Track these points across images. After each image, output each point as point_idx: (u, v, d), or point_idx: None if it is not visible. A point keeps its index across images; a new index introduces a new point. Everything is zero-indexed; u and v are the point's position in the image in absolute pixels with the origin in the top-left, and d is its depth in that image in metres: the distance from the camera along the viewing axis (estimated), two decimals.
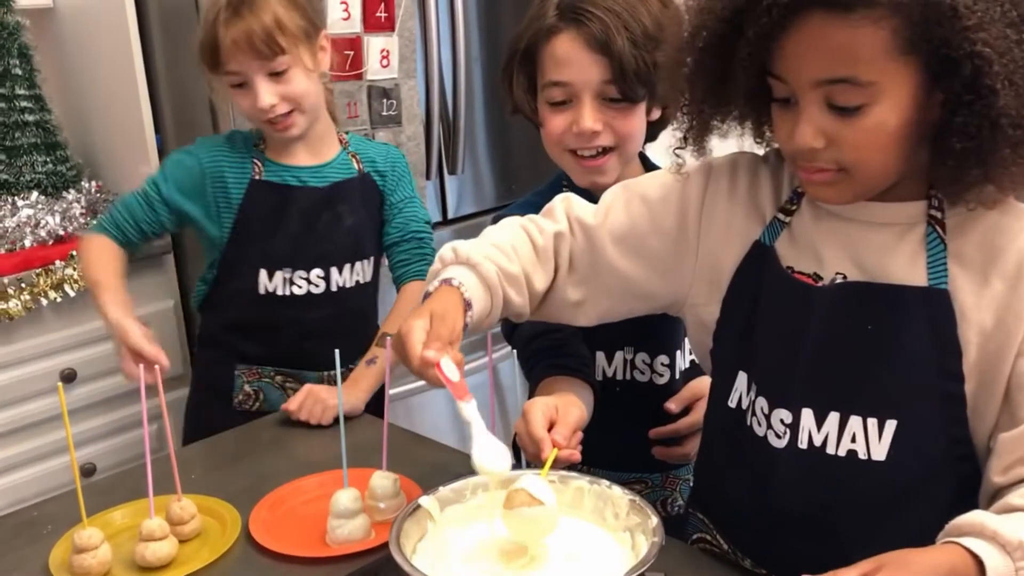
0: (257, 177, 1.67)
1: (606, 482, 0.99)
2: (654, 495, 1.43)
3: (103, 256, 1.65)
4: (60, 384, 1.15)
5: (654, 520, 0.91)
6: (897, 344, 0.96)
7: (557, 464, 1.03)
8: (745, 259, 1.07)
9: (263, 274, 1.67)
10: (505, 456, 0.97)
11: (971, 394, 0.95)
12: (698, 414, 1.34)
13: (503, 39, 2.58)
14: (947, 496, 0.97)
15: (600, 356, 1.38)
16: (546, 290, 1.15)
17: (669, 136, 1.09)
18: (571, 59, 1.27)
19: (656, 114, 1.35)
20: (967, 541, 0.84)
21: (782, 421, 1.01)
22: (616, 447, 1.31)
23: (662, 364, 1.38)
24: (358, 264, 1.73)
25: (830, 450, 0.99)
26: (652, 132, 1.39)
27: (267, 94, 1.58)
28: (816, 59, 0.89)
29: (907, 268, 0.97)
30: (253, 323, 1.71)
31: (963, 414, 0.96)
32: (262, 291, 1.67)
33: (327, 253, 1.70)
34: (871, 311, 0.97)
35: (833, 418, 0.98)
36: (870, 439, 0.97)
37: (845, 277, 1.00)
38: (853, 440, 0.97)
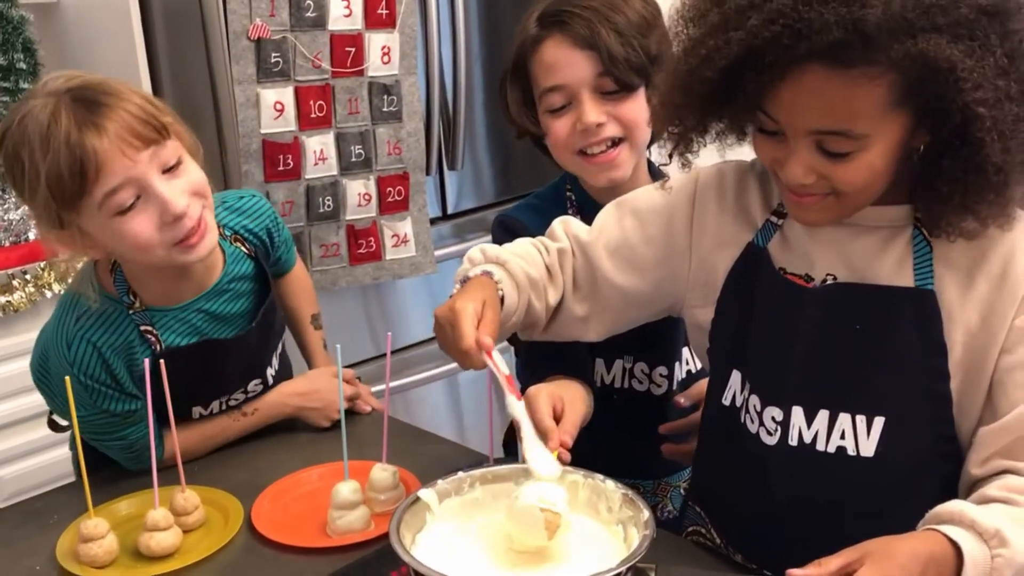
0: (159, 349, 1.32)
1: (600, 476, 1.01)
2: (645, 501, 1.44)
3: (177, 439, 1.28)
4: (67, 378, 1.16)
5: (646, 514, 0.93)
6: (884, 343, 0.99)
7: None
8: (739, 261, 1.10)
9: (196, 410, 1.42)
10: (553, 461, 0.99)
11: (956, 392, 0.98)
12: None
13: (503, 36, 2.59)
14: (933, 492, 0.99)
15: (600, 363, 1.39)
16: (556, 306, 1.18)
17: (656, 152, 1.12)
18: (560, 61, 1.29)
19: None
20: (946, 529, 0.87)
21: (773, 419, 1.04)
22: (609, 453, 1.32)
23: (660, 375, 1.39)
24: (280, 345, 1.53)
25: (820, 447, 1.01)
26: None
27: (176, 195, 1.21)
28: (812, 111, 0.91)
29: (895, 270, 1.00)
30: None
31: (949, 412, 0.98)
32: (196, 416, 1.42)
33: (261, 364, 1.47)
34: (859, 311, 1.00)
35: (823, 416, 1.01)
36: (859, 436, 0.99)
37: (835, 278, 1.03)
38: (842, 437, 1.00)
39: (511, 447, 1.46)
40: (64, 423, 1.48)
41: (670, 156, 1.09)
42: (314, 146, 2.13)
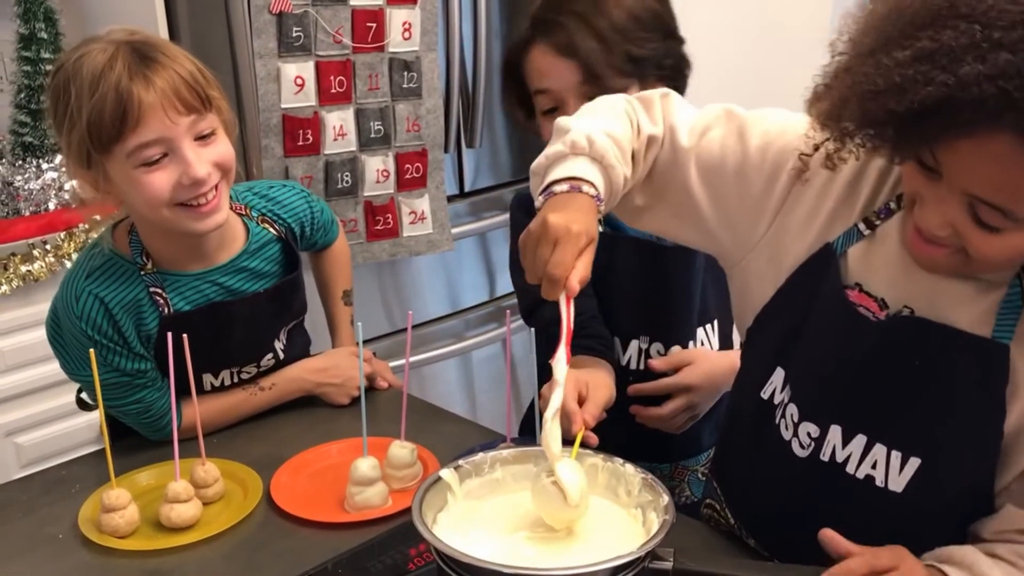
0: (167, 312, 1.34)
1: (619, 460, 1.02)
2: None
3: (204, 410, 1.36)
4: (92, 350, 1.18)
5: (665, 498, 0.94)
6: (941, 387, 0.93)
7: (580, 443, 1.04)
8: (811, 258, 1.02)
9: (207, 379, 1.43)
10: (558, 439, 0.95)
11: (1003, 450, 0.92)
12: (680, 377, 1.35)
13: (523, 13, 2.58)
14: (955, 528, 0.96)
15: (615, 344, 1.40)
16: None
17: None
18: (546, 68, 1.33)
19: None
20: (951, 571, 0.88)
21: (809, 434, 1.00)
22: (627, 435, 1.34)
23: None
24: (294, 322, 1.52)
25: (850, 469, 0.98)
26: None
27: (200, 162, 1.24)
28: (983, 177, 0.81)
29: (977, 320, 0.92)
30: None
31: (992, 466, 0.93)
32: (208, 387, 1.43)
33: (273, 338, 1.48)
34: (923, 348, 0.93)
35: (859, 440, 0.97)
36: (890, 470, 0.96)
37: (912, 312, 0.95)
38: (874, 467, 0.96)
39: (526, 432, 1.47)
40: (91, 401, 1.50)
41: (816, 147, 0.99)
42: (334, 121, 2.13)
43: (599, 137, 1.01)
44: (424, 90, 2.25)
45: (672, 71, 1.35)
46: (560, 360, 0.93)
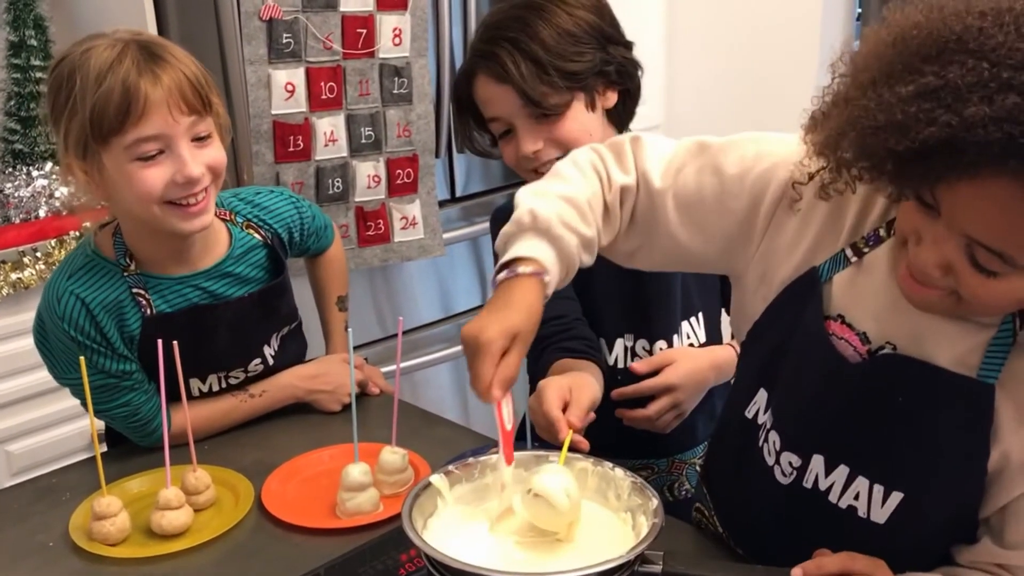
0: (149, 313, 1.35)
1: (609, 463, 1.02)
2: (660, 480, 1.45)
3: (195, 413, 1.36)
4: (82, 358, 1.17)
5: (655, 501, 0.94)
6: (925, 425, 0.91)
7: (569, 448, 1.04)
8: (796, 281, 0.99)
9: (194, 382, 1.43)
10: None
11: (985, 485, 0.92)
12: (663, 377, 1.35)
13: None
14: (937, 557, 0.97)
15: (601, 344, 1.40)
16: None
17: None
18: (490, 97, 1.35)
19: (612, 99, 1.37)
20: None
21: (791, 463, 1.00)
22: (620, 434, 1.34)
23: (660, 350, 1.40)
24: (286, 328, 1.51)
25: (832, 498, 0.97)
26: (627, 112, 1.41)
27: (195, 162, 1.26)
28: (983, 220, 0.77)
29: (962, 358, 0.90)
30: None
31: (976, 501, 0.92)
32: (196, 393, 1.43)
33: (261, 343, 1.48)
34: (907, 386, 0.91)
35: (842, 471, 0.96)
36: (873, 502, 0.94)
37: (895, 348, 0.92)
38: (856, 498, 0.95)
39: (518, 438, 1.48)
40: None
41: (810, 177, 0.96)
42: (324, 127, 2.13)
43: (543, 208, 1.01)
44: (415, 96, 2.26)
45: (618, 75, 1.35)
46: (501, 464, 0.99)
